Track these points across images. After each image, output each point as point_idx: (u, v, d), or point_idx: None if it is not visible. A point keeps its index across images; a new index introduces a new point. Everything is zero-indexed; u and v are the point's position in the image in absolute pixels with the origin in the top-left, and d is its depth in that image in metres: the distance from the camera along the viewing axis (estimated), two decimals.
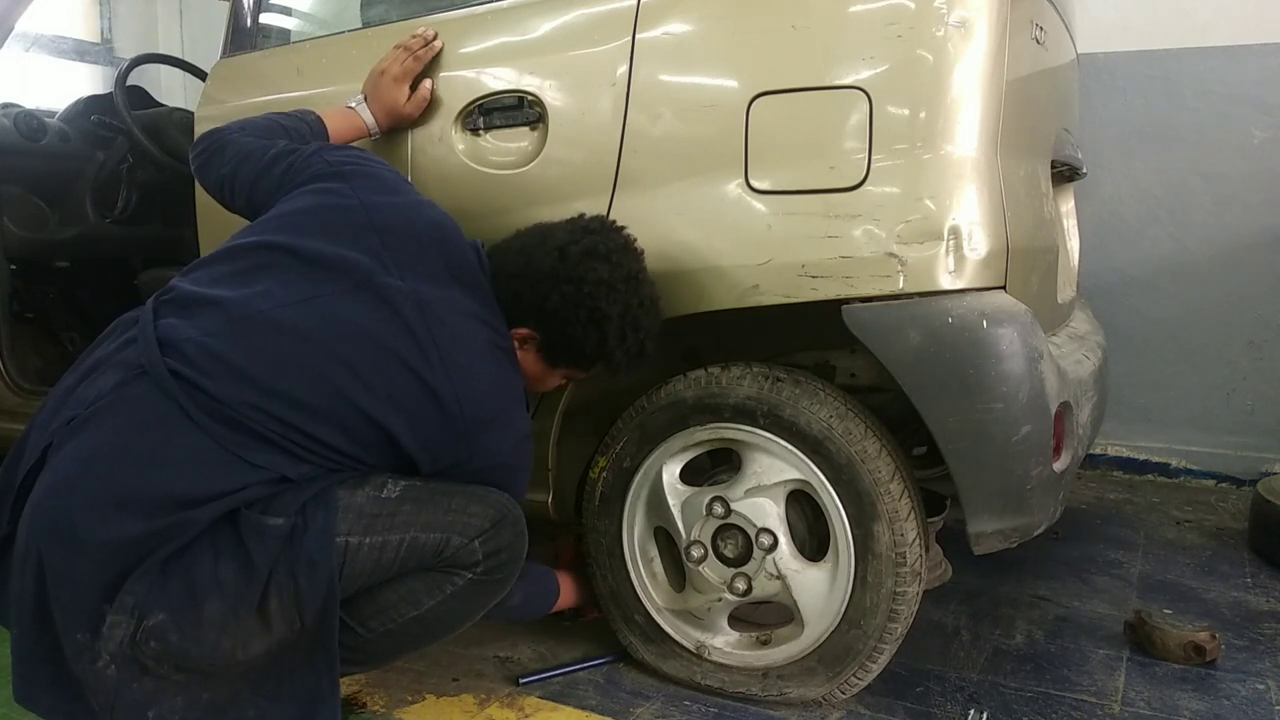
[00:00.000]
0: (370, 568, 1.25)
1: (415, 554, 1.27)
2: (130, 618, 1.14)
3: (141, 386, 1.19)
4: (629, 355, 1.41)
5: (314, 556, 1.20)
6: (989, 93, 1.37)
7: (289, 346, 1.23)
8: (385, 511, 1.26)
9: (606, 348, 1.38)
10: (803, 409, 1.44)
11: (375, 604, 1.29)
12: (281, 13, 2.08)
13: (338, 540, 1.22)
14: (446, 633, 1.36)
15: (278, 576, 1.18)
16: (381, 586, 1.29)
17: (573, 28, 1.57)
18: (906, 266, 1.33)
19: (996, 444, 1.34)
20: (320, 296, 1.26)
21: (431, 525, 1.27)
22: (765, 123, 1.40)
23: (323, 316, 1.25)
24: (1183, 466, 2.95)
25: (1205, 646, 1.69)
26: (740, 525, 1.50)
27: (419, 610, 1.30)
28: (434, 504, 1.28)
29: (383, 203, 1.37)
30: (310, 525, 1.21)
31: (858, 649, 1.46)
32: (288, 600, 1.19)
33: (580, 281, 1.35)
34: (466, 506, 1.30)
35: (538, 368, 1.45)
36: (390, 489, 1.28)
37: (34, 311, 2.59)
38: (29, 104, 2.54)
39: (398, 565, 1.27)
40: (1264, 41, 2.74)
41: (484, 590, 1.33)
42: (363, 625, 1.29)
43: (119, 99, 2.28)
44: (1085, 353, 1.78)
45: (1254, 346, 2.85)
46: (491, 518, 1.30)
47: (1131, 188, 2.92)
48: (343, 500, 1.24)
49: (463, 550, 1.28)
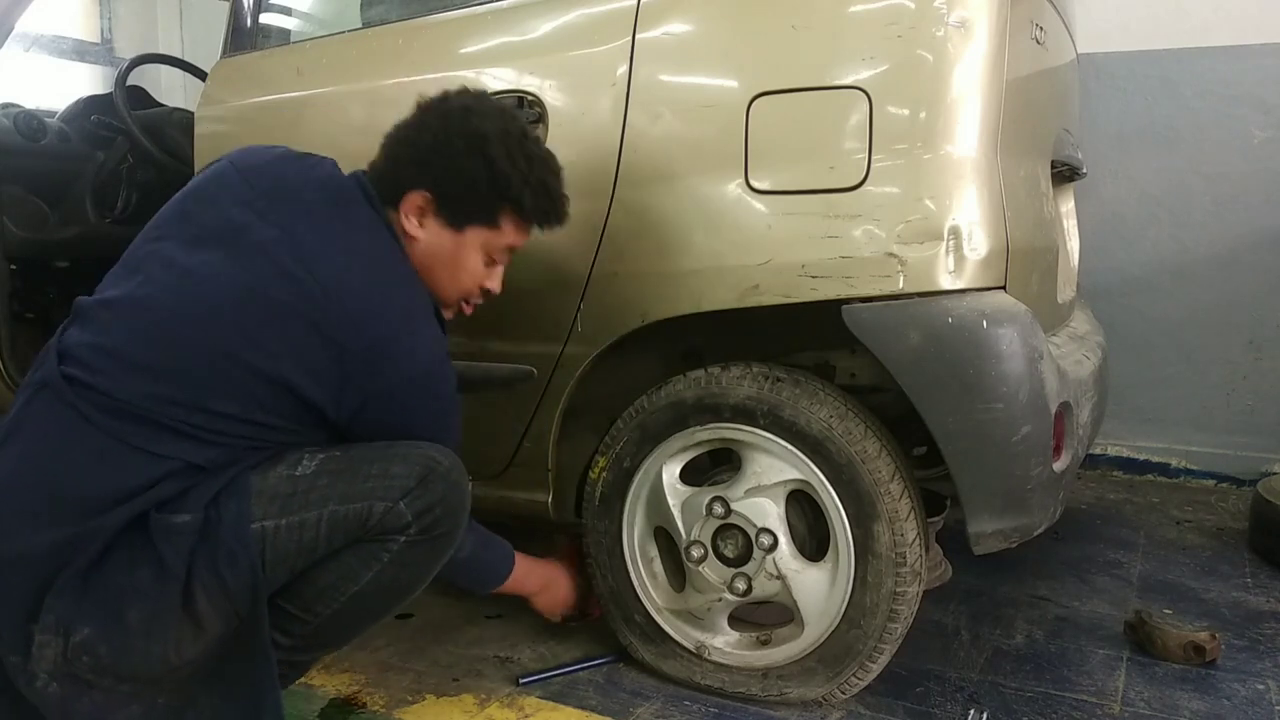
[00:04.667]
0: (294, 550, 1.20)
1: (340, 528, 1.21)
2: (57, 636, 1.13)
3: (42, 400, 1.19)
4: (531, 190, 1.33)
5: (232, 548, 1.16)
6: (989, 93, 1.37)
7: (173, 324, 1.20)
8: (300, 489, 1.21)
9: (499, 172, 1.30)
10: (803, 409, 1.44)
11: (314, 587, 1.24)
12: (281, 13, 2.08)
13: (254, 527, 1.18)
14: (398, 601, 1.31)
15: (199, 575, 1.15)
16: (317, 568, 1.23)
17: (573, 28, 1.57)
18: (906, 266, 1.33)
19: (996, 444, 1.34)
20: (197, 268, 1.23)
21: (351, 495, 1.21)
22: (765, 123, 1.40)
23: (200, 285, 1.22)
24: (1183, 466, 2.95)
25: (1205, 646, 1.69)
26: (740, 525, 1.50)
27: (359, 585, 1.24)
28: (353, 473, 1.22)
29: (252, 158, 1.34)
30: (224, 517, 1.17)
31: (858, 649, 1.46)
32: (216, 597, 1.16)
33: (447, 115, 1.32)
34: (388, 469, 1.23)
35: (447, 240, 1.35)
36: (305, 465, 1.23)
37: (34, 311, 2.58)
38: (29, 104, 2.54)
39: (324, 542, 1.21)
40: (1264, 41, 2.75)
41: (424, 551, 1.26)
42: (308, 611, 1.25)
43: (119, 99, 2.28)
44: (1085, 353, 1.78)
45: (1254, 346, 2.85)
46: (416, 475, 1.23)
47: (1131, 188, 2.92)
48: (255, 485, 1.20)
49: (389, 515, 1.21)
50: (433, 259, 1.36)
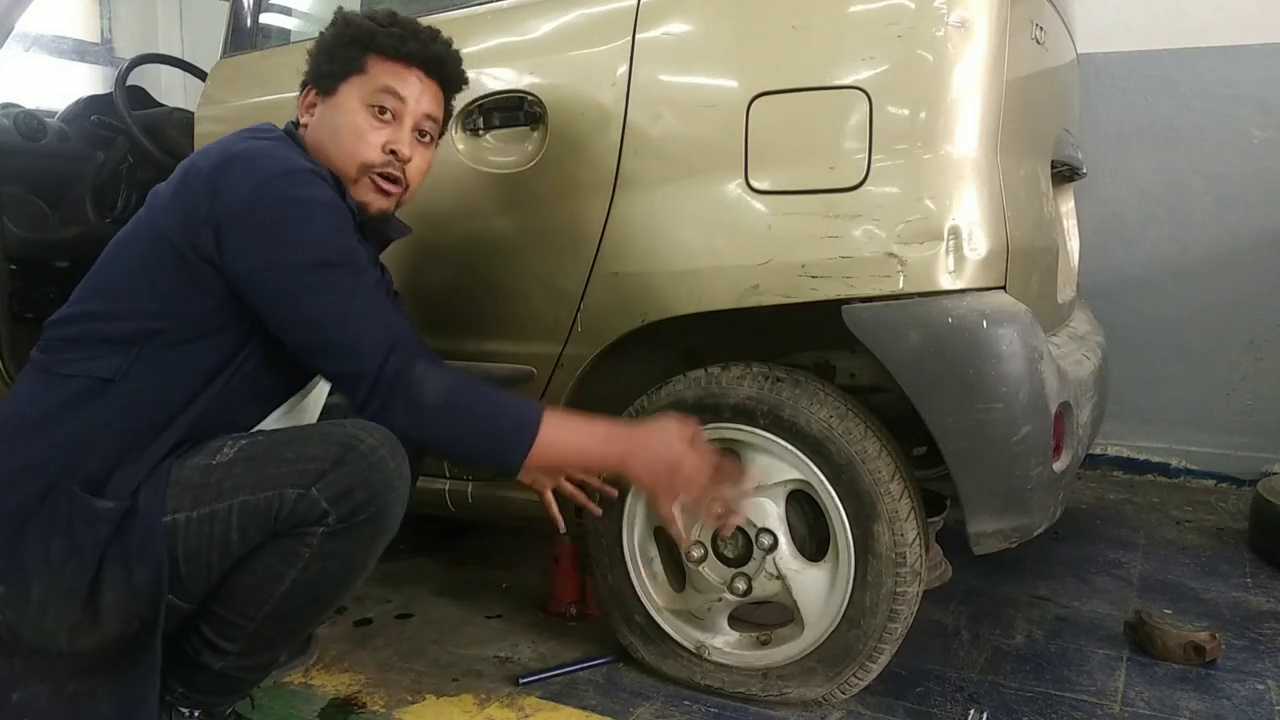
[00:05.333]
0: (206, 544, 1.14)
1: (252, 520, 1.14)
2: None
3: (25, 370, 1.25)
4: (382, 27, 1.29)
5: (143, 543, 1.13)
6: (989, 93, 1.37)
7: (101, 259, 1.26)
8: (214, 480, 1.15)
9: (349, 24, 1.29)
10: (803, 409, 1.44)
11: (241, 590, 1.18)
12: (281, 13, 2.08)
13: (165, 520, 1.14)
14: (336, 593, 1.23)
15: (109, 567, 1.13)
16: (242, 569, 1.18)
17: (573, 28, 1.57)
18: (906, 266, 1.33)
19: (996, 444, 1.34)
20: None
21: (263, 483, 1.13)
22: (765, 123, 1.40)
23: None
24: (1183, 466, 2.95)
25: (1205, 646, 1.69)
26: (740, 525, 1.50)
27: (284, 584, 1.16)
28: (269, 458, 1.15)
29: None
30: (139, 509, 1.14)
31: (858, 649, 1.46)
32: (120, 593, 1.13)
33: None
34: (305, 450, 1.15)
35: (326, 110, 1.29)
36: (225, 453, 1.17)
37: (34, 311, 2.58)
38: (29, 104, 2.54)
39: (236, 536, 1.14)
40: (1264, 41, 2.75)
41: (350, 542, 1.16)
42: (241, 615, 1.20)
43: (119, 99, 2.28)
44: (1085, 353, 1.78)
45: (1254, 346, 2.85)
46: (333, 456, 1.13)
47: (1131, 188, 2.92)
48: (174, 474, 1.16)
49: (302, 503, 1.12)
50: (323, 133, 1.29)
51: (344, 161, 1.28)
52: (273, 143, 1.25)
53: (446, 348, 1.66)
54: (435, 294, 1.71)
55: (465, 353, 1.66)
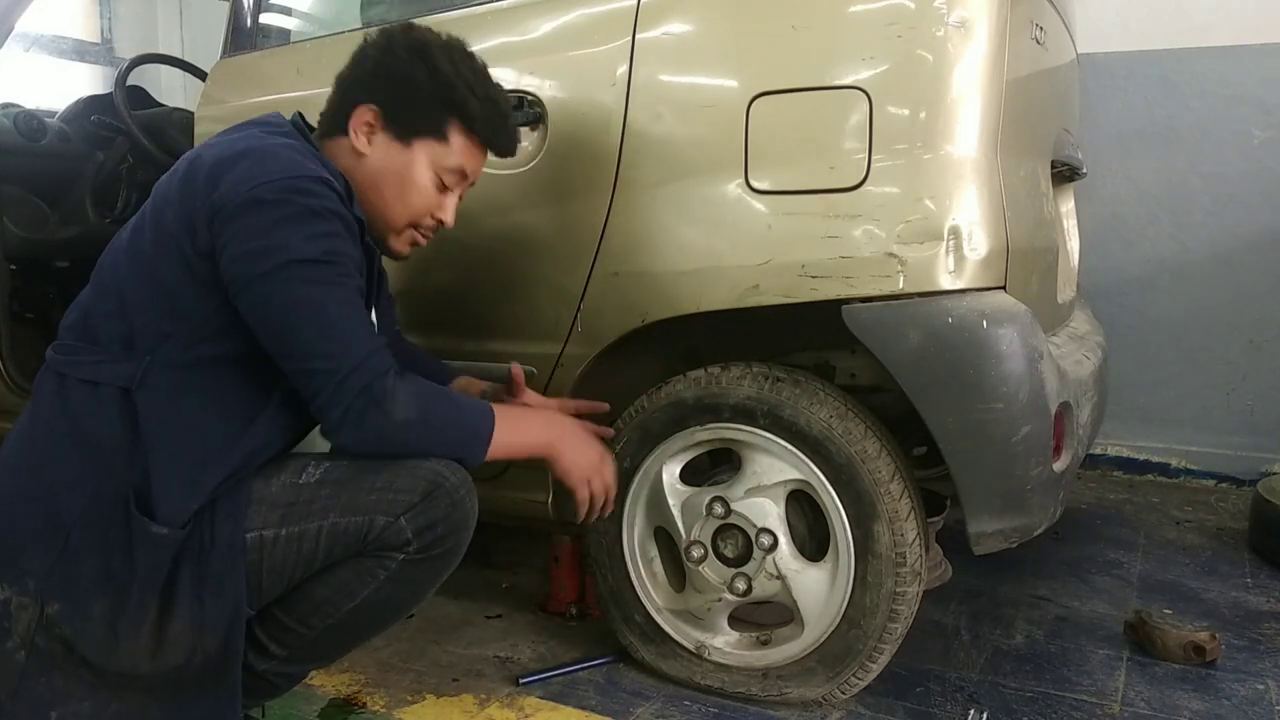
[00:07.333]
0: (292, 561, 1.18)
1: (340, 541, 1.18)
2: (34, 602, 1.13)
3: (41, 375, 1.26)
4: (478, 99, 1.30)
5: (221, 577, 1.15)
6: (989, 93, 1.37)
7: (106, 261, 1.26)
8: (302, 499, 1.19)
9: (442, 76, 1.28)
10: (803, 409, 1.44)
11: (310, 600, 1.23)
12: (281, 13, 2.08)
13: (250, 535, 1.17)
14: (394, 616, 1.30)
15: (182, 596, 1.15)
16: (314, 581, 1.22)
17: (573, 28, 1.57)
18: (906, 266, 1.33)
19: (996, 444, 1.34)
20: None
21: (352, 508, 1.18)
22: (765, 123, 1.40)
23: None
24: (1183, 466, 2.95)
25: (1205, 646, 1.69)
26: (740, 525, 1.50)
27: (355, 601, 1.22)
28: (356, 484, 1.20)
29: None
30: (217, 539, 1.15)
31: (858, 649, 1.46)
32: (187, 624, 1.15)
33: (389, 35, 1.31)
34: (393, 482, 1.19)
35: (395, 154, 1.30)
36: (310, 473, 1.21)
37: (34, 311, 2.58)
38: (29, 104, 2.54)
39: (322, 554, 1.19)
40: (1264, 41, 2.75)
41: (423, 570, 1.23)
42: (303, 624, 1.24)
43: (119, 99, 2.28)
44: (1085, 353, 1.78)
45: (1254, 346, 2.85)
46: (421, 490, 1.19)
47: (1131, 188, 2.92)
48: (257, 491, 1.19)
49: (389, 530, 1.18)
50: (380, 176, 1.30)
51: (398, 212, 1.32)
52: (283, 143, 1.24)
53: (446, 348, 1.67)
54: (435, 294, 1.71)
55: (465, 352, 1.67)
